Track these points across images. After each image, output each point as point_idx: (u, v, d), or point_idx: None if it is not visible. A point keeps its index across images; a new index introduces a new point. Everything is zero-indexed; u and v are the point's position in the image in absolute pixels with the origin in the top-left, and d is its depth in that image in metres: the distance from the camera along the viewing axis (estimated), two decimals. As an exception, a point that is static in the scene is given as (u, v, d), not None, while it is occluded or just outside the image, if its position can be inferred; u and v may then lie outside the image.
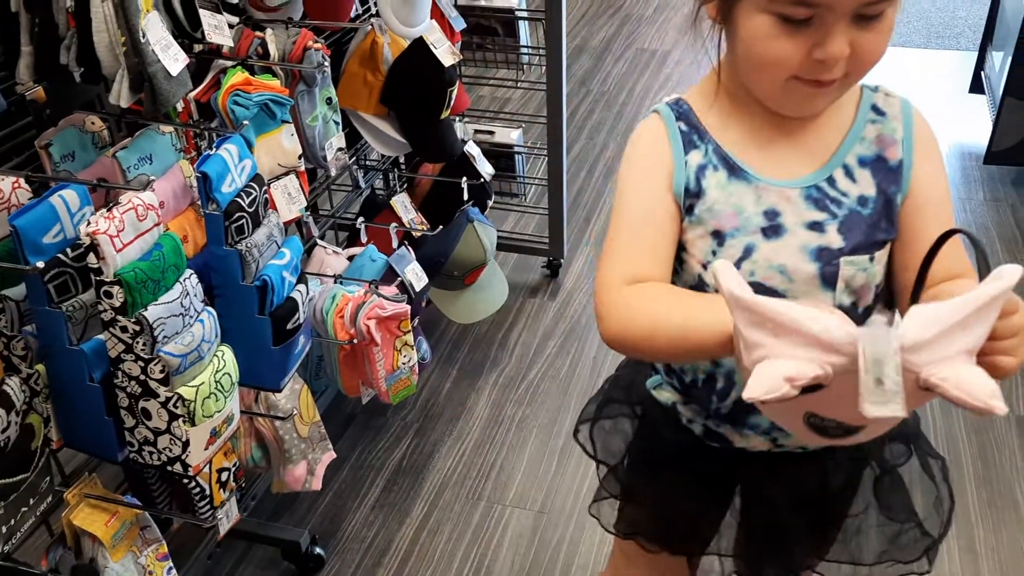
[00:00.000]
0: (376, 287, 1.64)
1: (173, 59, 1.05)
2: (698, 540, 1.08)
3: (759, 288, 0.88)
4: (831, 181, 0.89)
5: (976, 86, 3.36)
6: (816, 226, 0.88)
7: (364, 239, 1.92)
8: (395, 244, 1.89)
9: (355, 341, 1.57)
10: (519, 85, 2.47)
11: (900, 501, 1.02)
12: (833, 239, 0.88)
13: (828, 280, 0.89)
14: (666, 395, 1.04)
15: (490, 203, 2.28)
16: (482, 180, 2.15)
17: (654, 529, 1.09)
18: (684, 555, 1.10)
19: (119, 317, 0.99)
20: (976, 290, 0.65)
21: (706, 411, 0.99)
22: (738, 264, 0.88)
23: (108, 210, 0.97)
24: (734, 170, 0.89)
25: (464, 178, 2.07)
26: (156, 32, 1.04)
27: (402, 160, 2.28)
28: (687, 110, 0.92)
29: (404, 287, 1.81)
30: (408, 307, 1.66)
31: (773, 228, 0.88)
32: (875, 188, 0.89)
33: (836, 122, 0.90)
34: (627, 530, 1.12)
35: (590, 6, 4.62)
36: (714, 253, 0.90)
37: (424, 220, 2.10)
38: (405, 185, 2.27)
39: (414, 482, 1.96)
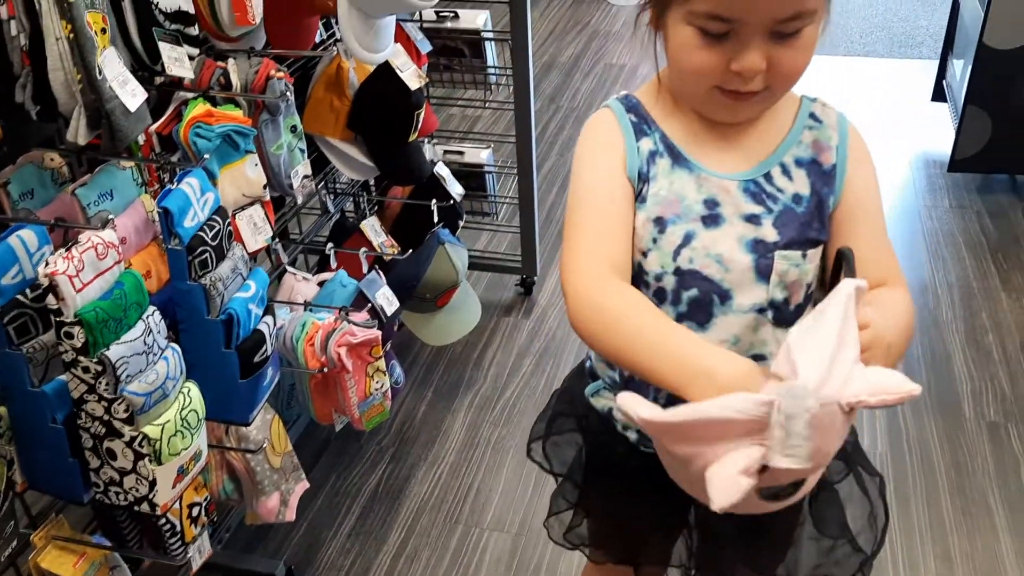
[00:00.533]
0: (346, 314, 1.63)
1: (131, 95, 1.04)
2: (646, 552, 1.09)
3: (697, 276, 0.91)
4: (768, 177, 0.93)
5: (938, 94, 3.41)
6: (753, 219, 0.92)
7: (334, 264, 1.91)
8: (365, 268, 1.88)
9: (326, 369, 1.56)
10: (488, 105, 2.47)
11: (834, 516, 1.04)
12: (768, 232, 0.92)
13: (762, 272, 0.92)
14: (602, 402, 1.07)
15: (461, 224, 2.28)
16: (452, 201, 2.15)
17: (600, 540, 1.12)
18: (629, 565, 1.12)
19: (80, 358, 0.98)
20: (832, 309, 0.73)
21: None
22: (678, 251, 0.91)
23: (67, 250, 0.96)
24: (678, 159, 0.93)
25: (434, 200, 2.07)
26: (113, 68, 1.03)
27: (371, 183, 2.27)
28: (636, 103, 0.96)
29: (375, 312, 1.80)
30: (379, 333, 1.65)
31: (712, 217, 0.92)
32: (809, 188, 0.94)
33: (775, 125, 0.95)
34: (576, 541, 1.14)
35: (558, 23, 4.65)
36: (655, 240, 0.93)
37: (395, 243, 2.10)
38: (375, 208, 2.26)
39: (390, 508, 1.95)
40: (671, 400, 0.76)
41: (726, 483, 0.68)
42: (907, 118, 3.44)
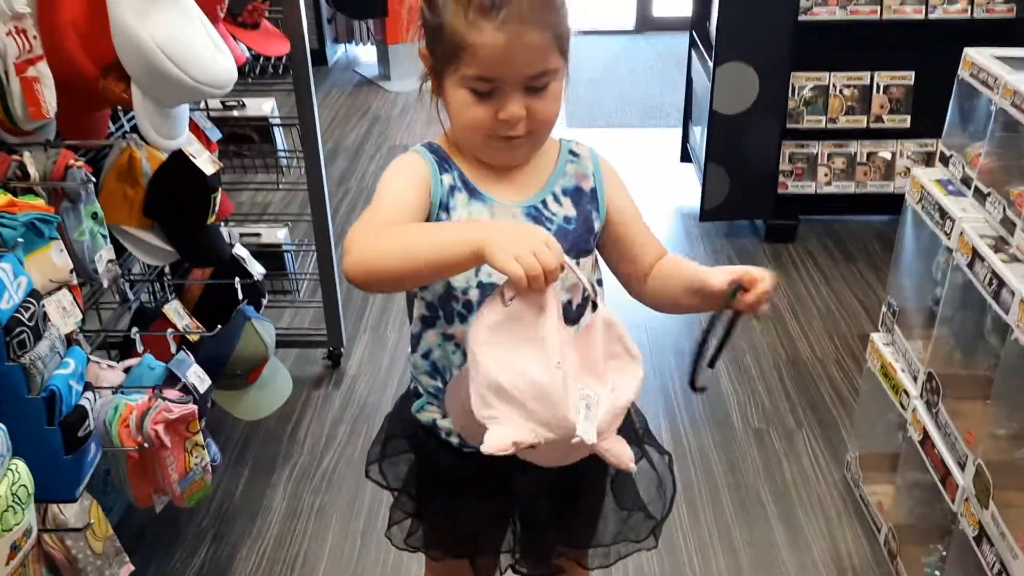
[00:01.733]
0: (160, 392, 1.66)
1: (-62, 185, 1.08)
2: (478, 544, 1.25)
3: (494, 287, 1.05)
4: (544, 204, 1.14)
5: (685, 156, 3.90)
6: None
7: (140, 349, 1.92)
8: (173, 349, 1.91)
9: (146, 445, 1.58)
10: (280, 187, 2.57)
11: (629, 491, 1.25)
12: None
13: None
14: (427, 415, 1.22)
15: (264, 302, 2.35)
16: (254, 280, 2.22)
17: (436, 540, 1.27)
18: (465, 558, 1.26)
19: (-98, 442, 0.99)
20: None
21: None
22: (478, 267, 1.07)
23: None
24: (473, 192, 1.12)
25: (237, 278, 2.14)
26: (-82, 161, 1.07)
27: (166, 270, 2.30)
28: (438, 147, 1.15)
29: (187, 390, 1.83)
30: (195, 407, 1.69)
31: None
32: (575, 211, 1.15)
33: (543, 164, 1.17)
34: (416, 544, 1.28)
35: (339, 110, 4.83)
36: None
37: (199, 324, 2.13)
38: (174, 293, 2.28)
39: (217, 587, 1.94)
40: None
41: (499, 439, 0.91)
42: (661, 178, 3.88)
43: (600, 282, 1.21)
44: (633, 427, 1.24)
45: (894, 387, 1.91)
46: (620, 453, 1.00)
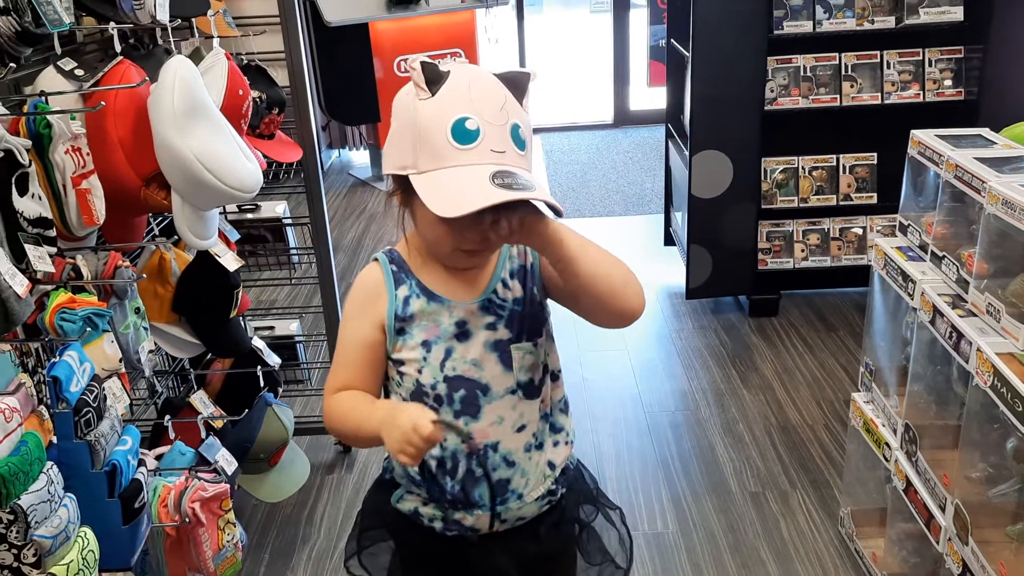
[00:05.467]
0: (195, 472, 1.78)
1: (20, 285, 1.24)
2: None
3: (461, 379, 1.21)
4: (495, 293, 1.22)
5: (668, 239, 4.10)
6: (491, 326, 1.22)
7: (172, 436, 2.04)
8: (204, 434, 2.04)
9: (188, 520, 1.69)
10: (292, 282, 2.74)
11: (596, 546, 1.37)
12: (503, 333, 1.22)
13: (506, 364, 1.22)
14: (408, 504, 1.30)
15: (281, 390, 2.48)
16: (272, 368, 2.36)
17: None
18: None
19: (-7, 510, 1.11)
20: None
21: (442, 496, 1.26)
22: (442, 364, 1.20)
23: (-22, 416, 1.12)
24: (432, 296, 1.21)
25: (259, 366, 2.28)
26: (4, 264, 1.22)
27: (186, 363, 2.44)
28: (397, 256, 1.25)
29: (217, 472, 1.94)
30: (228, 486, 1.81)
31: (463, 333, 1.21)
32: (523, 291, 1.24)
33: (491, 256, 1.24)
34: None
35: (337, 210, 5.05)
36: (424, 359, 1.21)
37: (223, 412, 2.26)
38: (197, 384, 2.42)
39: (247, 663, 2.01)
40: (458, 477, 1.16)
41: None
42: (647, 261, 4.07)
43: (556, 371, 1.30)
44: (587, 487, 1.38)
45: (877, 441, 2.05)
46: None
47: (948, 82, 3.24)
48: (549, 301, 1.28)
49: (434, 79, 1.09)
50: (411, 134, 1.11)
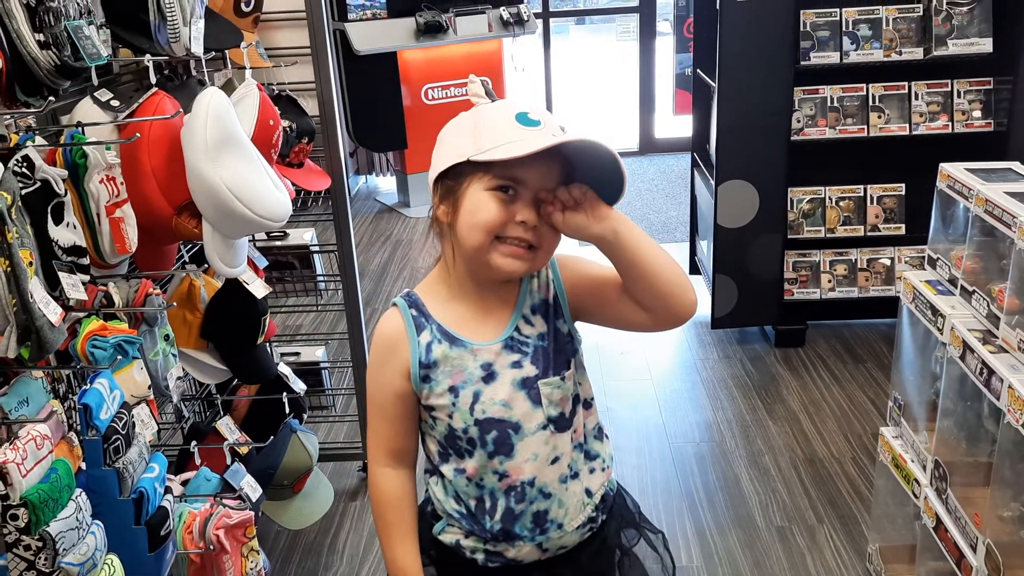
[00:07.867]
0: (221, 498, 1.79)
1: (54, 313, 1.26)
2: None
3: (492, 421, 1.21)
4: (518, 330, 1.22)
5: (693, 268, 4.09)
6: (516, 364, 1.21)
7: (198, 461, 2.06)
8: (229, 460, 2.05)
9: (212, 547, 1.69)
10: (319, 308, 2.76)
11: (638, 573, 1.35)
12: (529, 370, 1.22)
13: (535, 400, 1.21)
14: (449, 536, 1.29)
15: (306, 416, 2.49)
16: (297, 394, 2.37)
17: None
18: None
19: (23, 537, 1.13)
20: None
21: (484, 532, 1.26)
22: (472, 408, 1.20)
23: (11, 442, 1.13)
24: (454, 341, 1.21)
25: (284, 393, 2.29)
26: (39, 292, 1.25)
27: (212, 388, 2.46)
28: (417, 299, 1.24)
29: (241, 499, 1.95)
30: (252, 513, 1.81)
31: (489, 375, 1.21)
32: (546, 326, 1.23)
33: (509, 292, 1.24)
34: None
35: (363, 236, 5.09)
36: (454, 404, 1.21)
37: (248, 438, 2.27)
38: (223, 409, 2.43)
39: None
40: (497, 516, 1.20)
41: None
42: (673, 290, 4.05)
43: (588, 400, 1.30)
44: (629, 512, 1.37)
45: (905, 477, 2.02)
46: None
47: (977, 113, 3.22)
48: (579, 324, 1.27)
49: (491, 93, 1.18)
50: (469, 130, 1.15)
